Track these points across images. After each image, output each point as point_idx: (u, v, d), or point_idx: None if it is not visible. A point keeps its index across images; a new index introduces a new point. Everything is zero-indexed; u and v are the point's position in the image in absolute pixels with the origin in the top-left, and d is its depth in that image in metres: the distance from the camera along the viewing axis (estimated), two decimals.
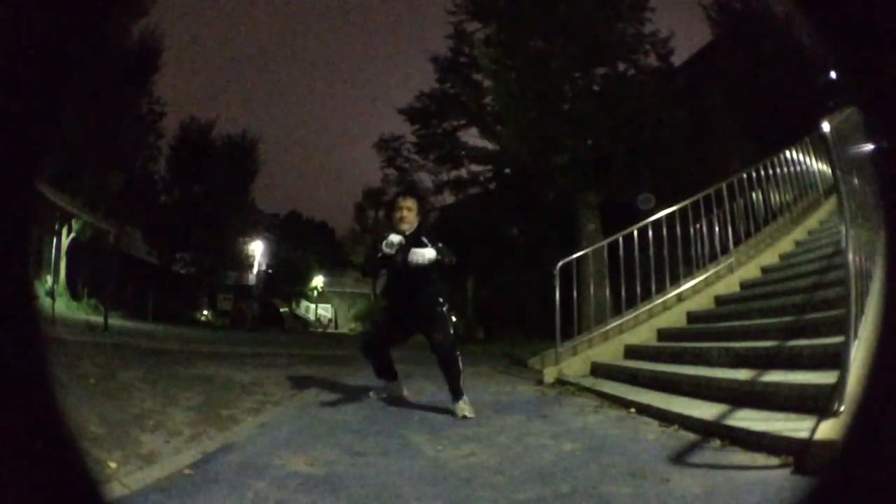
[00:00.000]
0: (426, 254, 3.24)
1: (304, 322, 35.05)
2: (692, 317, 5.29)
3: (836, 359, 2.18)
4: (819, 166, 6.51)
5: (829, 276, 4.01)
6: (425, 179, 15.06)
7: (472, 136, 13.03)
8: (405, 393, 3.84)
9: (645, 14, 10.41)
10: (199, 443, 2.40)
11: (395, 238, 3.28)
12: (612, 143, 9.84)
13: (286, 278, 35.98)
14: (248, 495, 1.70)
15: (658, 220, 5.58)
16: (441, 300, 3.48)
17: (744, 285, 5.45)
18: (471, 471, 2.05)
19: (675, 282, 5.56)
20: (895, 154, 0.71)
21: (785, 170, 6.34)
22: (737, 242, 5.81)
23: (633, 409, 3.30)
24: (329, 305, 39.48)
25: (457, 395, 3.31)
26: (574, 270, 5.95)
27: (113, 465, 1.92)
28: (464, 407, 3.23)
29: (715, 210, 5.71)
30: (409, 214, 3.43)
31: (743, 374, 3.01)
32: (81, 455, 0.77)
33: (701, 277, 5.57)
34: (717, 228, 5.68)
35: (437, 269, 3.37)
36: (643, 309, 5.43)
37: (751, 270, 5.62)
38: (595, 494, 1.76)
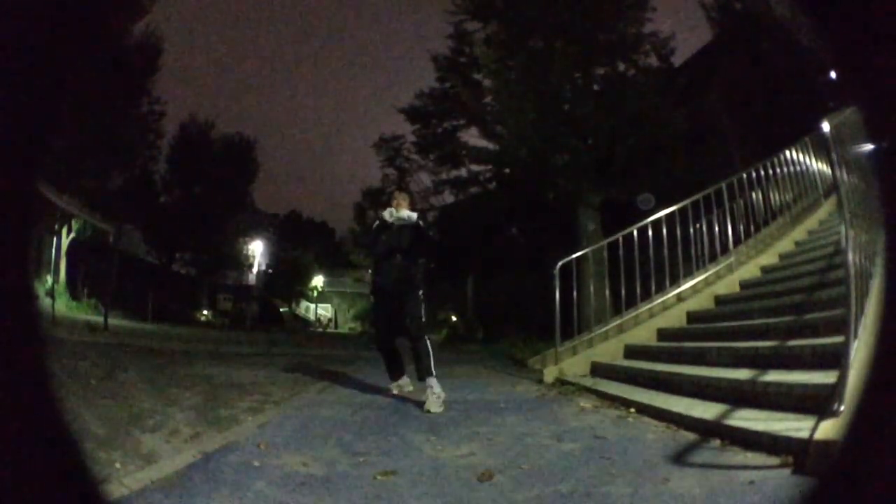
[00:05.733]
0: (412, 215, 3.86)
1: (303, 322, 35.06)
2: (692, 317, 5.29)
3: (836, 359, 2.18)
4: (819, 166, 6.51)
5: (829, 276, 4.01)
6: (425, 179, 15.06)
7: (472, 136, 13.04)
8: (410, 388, 4.06)
9: (645, 14, 10.40)
10: (199, 443, 2.40)
11: (389, 212, 3.94)
12: (612, 143, 9.83)
13: (286, 278, 36.00)
14: (248, 495, 1.70)
15: (658, 220, 5.58)
16: (417, 284, 3.80)
17: (744, 285, 5.45)
18: (471, 471, 2.05)
19: (675, 282, 5.56)
20: (895, 154, 0.71)
21: (785, 170, 6.34)
22: (737, 242, 5.81)
23: (633, 409, 3.30)
24: (329, 305, 39.48)
25: (427, 374, 3.59)
26: (574, 270, 5.95)
27: (114, 464, 1.92)
28: (433, 397, 3.45)
29: (715, 210, 5.71)
30: (403, 203, 3.93)
31: (743, 374, 3.01)
32: (81, 455, 0.77)
33: (701, 277, 5.57)
34: (717, 228, 5.68)
35: (419, 252, 3.88)
36: (643, 309, 5.43)
37: (751, 270, 5.62)
38: (595, 494, 1.76)
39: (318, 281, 38.67)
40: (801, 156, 6.49)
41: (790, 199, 6.41)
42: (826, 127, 2.49)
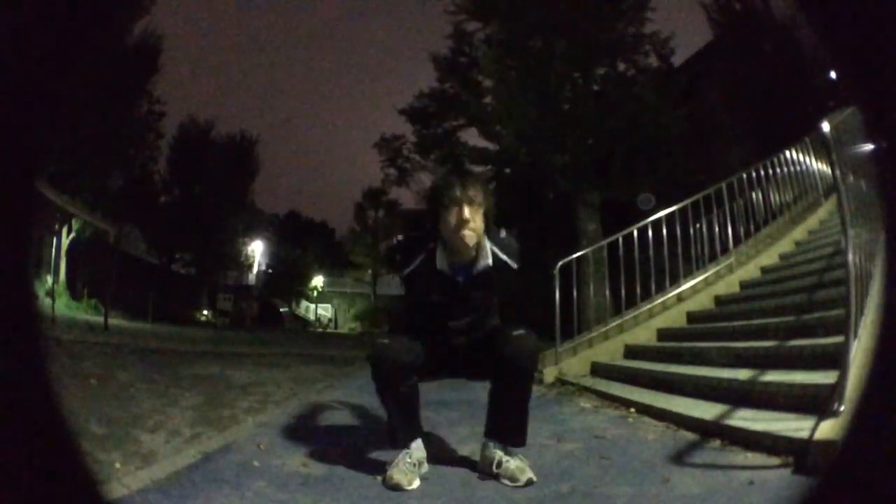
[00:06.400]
0: (502, 246, 1.96)
1: (303, 322, 35.09)
2: (692, 317, 5.29)
3: (836, 359, 2.18)
4: (819, 166, 6.51)
5: (829, 276, 4.01)
6: (425, 179, 15.06)
7: (472, 136, 13.03)
8: (425, 468, 2.00)
9: (645, 14, 10.41)
10: (199, 443, 2.40)
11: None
12: (612, 143, 9.85)
13: (286, 278, 36.03)
14: (248, 495, 1.70)
15: (658, 220, 5.57)
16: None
17: (744, 285, 5.45)
18: (471, 470, 2.05)
19: (675, 282, 5.56)
20: (895, 154, 0.71)
21: (785, 170, 6.34)
22: (737, 242, 5.81)
23: (633, 409, 3.30)
24: (329, 305, 39.50)
25: (521, 439, 2.01)
26: (574, 270, 5.95)
27: (114, 464, 1.92)
28: (520, 463, 1.91)
29: (715, 210, 5.71)
30: (475, 219, 1.85)
31: (743, 374, 3.01)
32: (81, 455, 0.77)
33: (701, 277, 5.57)
34: (717, 228, 5.68)
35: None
36: (643, 309, 5.42)
37: (751, 270, 5.62)
38: (595, 494, 1.76)
39: (318, 281, 38.69)
40: (801, 156, 6.49)
41: (790, 199, 6.41)
42: (826, 127, 2.49)
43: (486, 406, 2.07)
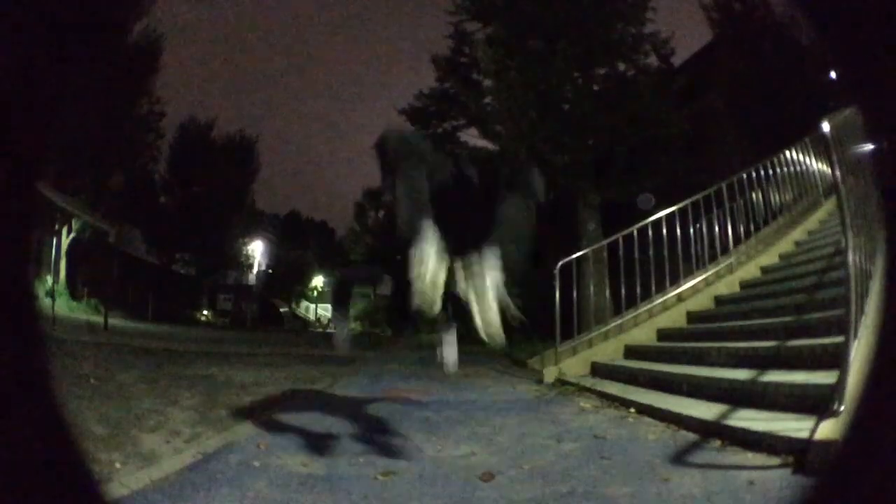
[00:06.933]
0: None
1: (303, 322, 35.08)
2: (692, 317, 5.29)
3: (836, 359, 2.18)
4: (819, 166, 6.51)
5: (829, 276, 4.01)
6: None
7: (472, 136, 13.02)
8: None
9: (645, 14, 10.41)
10: (199, 443, 2.40)
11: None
12: (612, 143, 9.84)
13: (286, 278, 36.02)
14: (248, 495, 1.70)
15: (658, 220, 5.58)
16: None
17: (744, 285, 5.45)
18: (471, 471, 2.05)
19: (675, 282, 5.56)
20: (895, 154, 0.71)
21: (785, 170, 6.34)
22: (737, 242, 5.80)
23: (633, 409, 3.30)
24: (329, 305, 39.45)
25: None
26: (574, 270, 5.95)
27: (114, 464, 1.92)
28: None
29: (715, 210, 5.71)
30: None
31: (743, 374, 3.01)
32: (82, 455, 0.77)
33: (701, 277, 5.57)
34: (717, 228, 5.68)
35: None
36: (643, 309, 5.42)
37: (751, 270, 5.62)
38: (595, 494, 1.76)
39: (318, 281, 38.67)
40: (800, 156, 6.49)
41: (790, 200, 6.40)
42: (826, 127, 2.50)
43: (485, 407, 2.08)
